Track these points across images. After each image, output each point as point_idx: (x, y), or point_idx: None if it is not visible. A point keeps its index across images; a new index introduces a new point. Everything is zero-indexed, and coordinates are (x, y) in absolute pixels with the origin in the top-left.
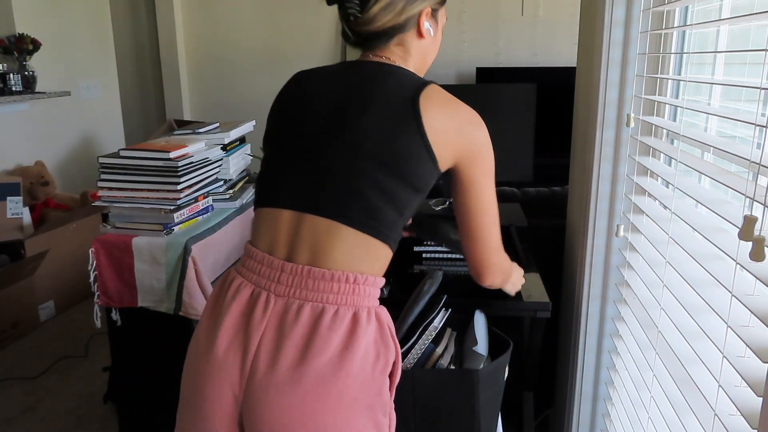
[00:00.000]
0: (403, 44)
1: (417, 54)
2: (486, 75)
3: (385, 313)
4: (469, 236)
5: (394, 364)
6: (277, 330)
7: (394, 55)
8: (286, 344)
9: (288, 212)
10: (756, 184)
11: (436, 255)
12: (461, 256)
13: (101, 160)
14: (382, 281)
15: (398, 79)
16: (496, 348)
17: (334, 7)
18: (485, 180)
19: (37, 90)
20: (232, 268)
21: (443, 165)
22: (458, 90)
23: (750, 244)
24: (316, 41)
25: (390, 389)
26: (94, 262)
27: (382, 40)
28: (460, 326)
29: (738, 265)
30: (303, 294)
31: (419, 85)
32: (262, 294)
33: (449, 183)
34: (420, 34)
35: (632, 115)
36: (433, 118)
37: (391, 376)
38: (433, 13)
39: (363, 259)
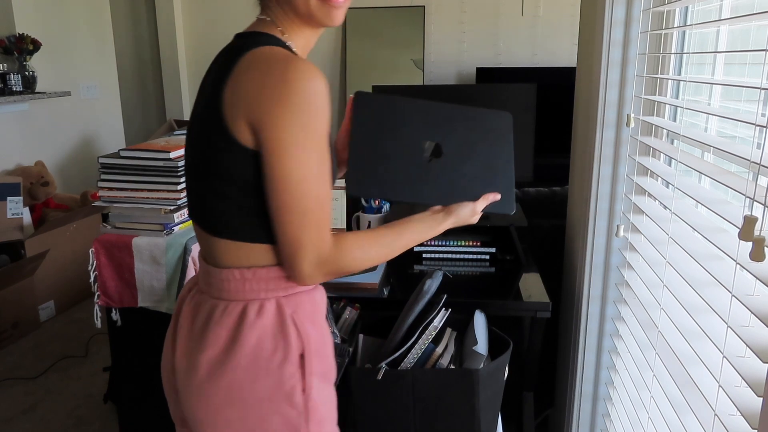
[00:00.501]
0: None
1: (303, 14)
2: (486, 75)
3: (291, 302)
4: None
5: (304, 354)
6: (189, 321)
7: (275, 19)
8: (189, 336)
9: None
10: (756, 184)
11: (436, 255)
12: (461, 256)
13: (101, 160)
14: (278, 270)
15: (234, 51)
16: (496, 348)
17: None
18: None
19: (37, 90)
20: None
21: (240, 135)
22: (458, 90)
23: (750, 244)
24: (316, 41)
25: (304, 378)
26: (94, 262)
27: None
28: (460, 326)
29: (738, 265)
30: (208, 291)
31: (244, 49)
32: (193, 290)
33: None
34: None
35: (632, 115)
36: (235, 86)
37: (304, 366)
38: None
39: (243, 257)
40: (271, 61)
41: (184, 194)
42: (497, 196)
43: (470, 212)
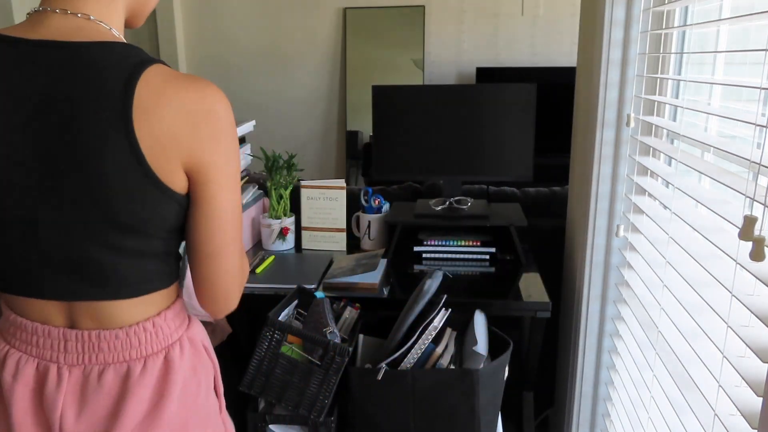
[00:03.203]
0: None
1: (132, 4)
2: (486, 75)
3: (194, 329)
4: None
5: (215, 375)
6: (78, 402)
7: (96, 10)
8: (94, 414)
9: (54, 301)
10: (756, 184)
11: (436, 255)
12: (461, 256)
13: None
14: (179, 302)
15: (95, 69)
16: (496, 348)
17: (334, 7)
18: (228, 180)
19: None
20: None
21: (171, 182)
22: (458, 90)
23: (750, 244)
24: (316, 41)
25: (218, 398)
26: None
27: None
28: (460, 326)
29: (738, 265)
30: (101, 357)
31: (130, 66)
32: (50, 366)
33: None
34: None
35: (632, 115)
36: (152, 123)
37: (216, 386)
38: None
39: (150, 307)
40: (182, 84)
41: None
42: None
43: None
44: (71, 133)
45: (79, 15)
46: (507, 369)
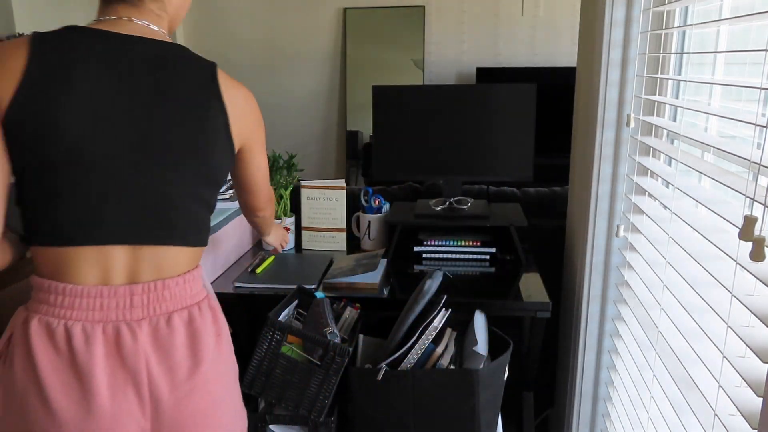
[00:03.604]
0: (158, 0)
1: (172, 14)
2: (486, 75)
3: (211, 288)
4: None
5: None
6: (156, 351)
7: (150, 14)
8: (174, 358)
9: (119, 247)
10: (756, 184)
11: (436, 255)
12: (461, 256)
13: None
14: (200, 268)
15: (183, 59)
16: (496, 348)
17: (334, 7)
18: (262, 147)
19: None
20: (45, 319)
21: (237, 147)
22: (458, 90)
23: (750, 244)
24: (316, 41)
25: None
26: None
27: None
28: (460, 326)
29: (738, 266)
30: (164, 307)
31: (209, 64)
32: (119, 326)
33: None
34: None
35: (632, 115)
36: (234, 103)
37: None
38: None
39: (193, 261)
40: (236, 82)
41: None
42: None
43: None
44: (175, 99)
45: (143, 23)
46: (507, 369)
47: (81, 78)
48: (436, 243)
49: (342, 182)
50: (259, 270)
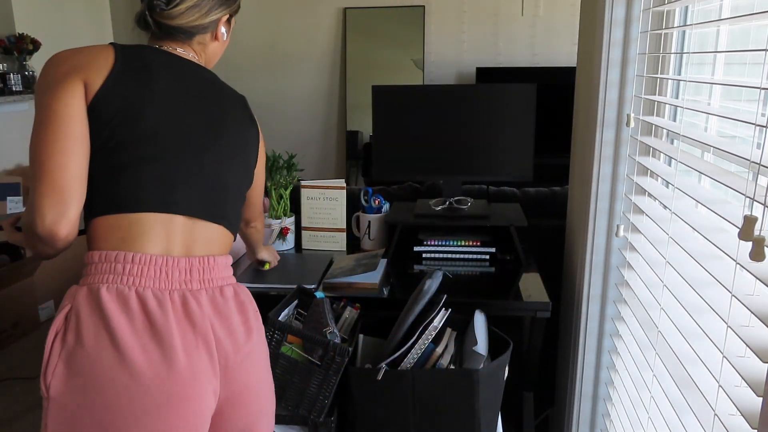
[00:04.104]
0: (202, 43)
1: (210, 55)
2: (486, 75)
3: None
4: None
5: None
6: (218, 318)
7: (194, 53)
8: (232, 324)
9: (181, 217)
10: (756, 184)
11: (436, 255)
12: (461, 256)
13: None
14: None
15: (223, 84)
16: (496, 348)
17: (334, 7)
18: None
19: None
20: (114, 287)
21: (258, 159)
22: (458, 90)
23: (750, 244)
24: (316, 41)
25: None
26: None
27: (186, 35)
28: (460, 326)
29: (738, 265)
30: (216, 281)
31: (241, 95)
32: (186, 295)
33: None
34: (215, 38)
35: (632, 115)
36: (258, 127)
37: None
38: (229, 20)
39: (228, 245)
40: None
41: None
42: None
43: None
44: (228, 106)
45: (189, 54)
46: (507, 369)
47: (157, 79)
48: (436, 243)
49: (342, 182)
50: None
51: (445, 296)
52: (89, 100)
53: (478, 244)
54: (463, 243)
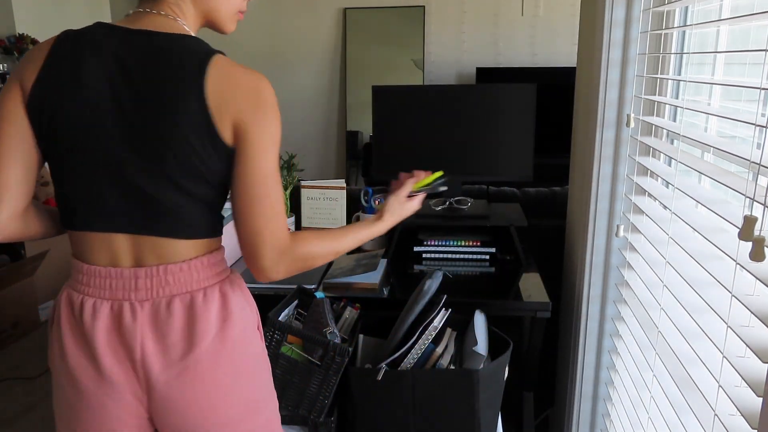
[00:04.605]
0: None
1: (205, 7)
2: (486, 75)
3: (239, 277)
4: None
5: (257, 323)
6: (154, 331)
7: (171, 7)
8: (169, 339)
9: (121, 234)
10: (756, 184)
11: (436, 255)
12: (461, 256)
13: None
14: (224, 251)
15: (180, 52)
16: (496, 348)
17: (334, 7)
18: (266, 147)
19: None
20: (71, 293)
21: (226, 137)
22: (458, 90)
23: (750, 244)
24: (316, 41)
25: (263, 339)
26: None
27: None
28: (460, 326)
29: (738, 265)
30: (167, 290)
31: (203, 56)
32: (123, 304)
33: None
34: None
35: (632, 115)
36: (220, 95)
37: (260, 328)
38: None
39: (202, 248)
40: (240, 69)
41: None
42: (413, 177)
43: (398, 203)
44: (153, 95)
45: (164, 14)
46: (507, 369)
47: (87, 72)
48: (436, 243)
49: (342, 182)
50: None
51: (445, 296)
52: (24, 102)
53: (478, 244)
54: (463, 243)
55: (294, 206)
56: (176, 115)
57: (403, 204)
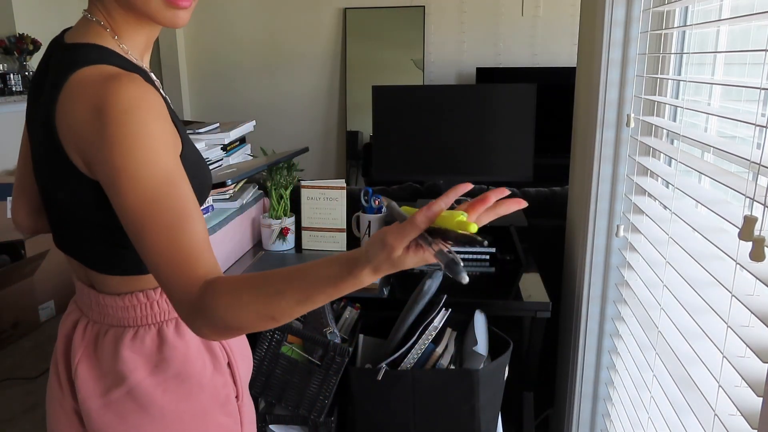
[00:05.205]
0: None
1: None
2: (486, 75)
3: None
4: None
5: (231, 362)
6: (90, 355)
7: (98, 14)
8: (98, 368)
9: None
10: (756, 184)
11: None
12: (461, 256)
13: None
14: (156, 293)
15: (57, 68)
16: (496, 348)
17: (334, 7)
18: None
19: None
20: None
21: (86, 170)
22: (458, 90)
23: (750, 244)
24: (316, 41)
25: (236, 384)
26: None
27: None
28: (460, 326)
29: (738, 265)
30: (107, 319)
31: (65, 71)
32: (82, 319)
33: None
34: None
35: (632, 115)
36: (68, 115)
37: (233, 373)
38: None
39: (140, 284)
40: (89, 86)
41: None
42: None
43: (384, 256)
44: (34, 119)
45: (90, 17)
46: (507, 369)
47: (33, 89)
48: None
49: (342, 182)
50: None
51: (445, 296)
52: None
53: None
54: None
55: (294, 206)
56: (38, 151)
57: (396, 258)
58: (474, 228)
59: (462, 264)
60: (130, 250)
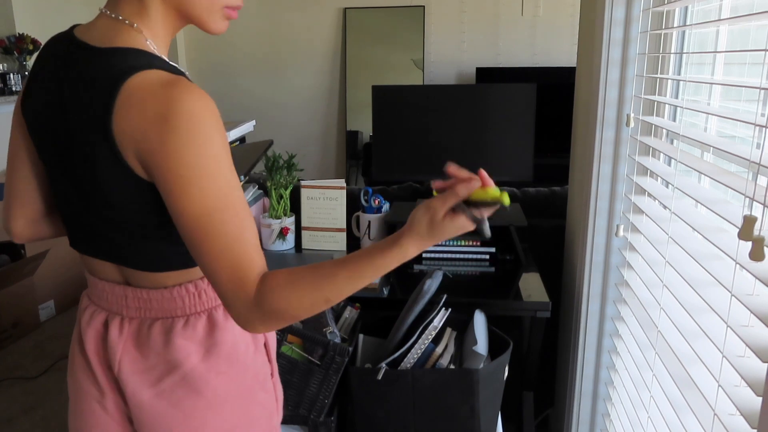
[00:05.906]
0: None
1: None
2: (486, 75)
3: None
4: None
5: (267, 342)
6: (134, 349)
7: (123, 13)
8: (145, 360)
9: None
10: (756, 184)
11: (436, 255)
12: (461, 256)
13: None
14: (203, 283)
15: (94, 77)
16: (496, 348)
17: (334, 7)
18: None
19: None
20: (85, 294)
21: (143, 176)
22: (458, 90)
23: (750, 244)
24: (316, 41)
25: (271, 363)
26: None
27: None
28: (460, 326)
29: (738, 265)
30: (152, 312)
31: (115, 79)
32: (115, 318)
33: None
34: None
35: (632, 115)
36: (129, 123)
37: (269, 352)
38: None
39: (186, 274)
40: (149, 93)
41: None
42: (473, 180)
43: (432, 215)
44: (67, 135)
45: (116, 16)
46: (507, 369)
47: (39, 88)
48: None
49: (342, 182)
50: None
51: (445, 296)
52: (21, 113)
53: (478, 244)
54: (463, 243)
55: (294, 206)
56: (88, 159)
57: (440, 220)
58: (507, 197)
59: (489, 225)
60: (182, 247)
